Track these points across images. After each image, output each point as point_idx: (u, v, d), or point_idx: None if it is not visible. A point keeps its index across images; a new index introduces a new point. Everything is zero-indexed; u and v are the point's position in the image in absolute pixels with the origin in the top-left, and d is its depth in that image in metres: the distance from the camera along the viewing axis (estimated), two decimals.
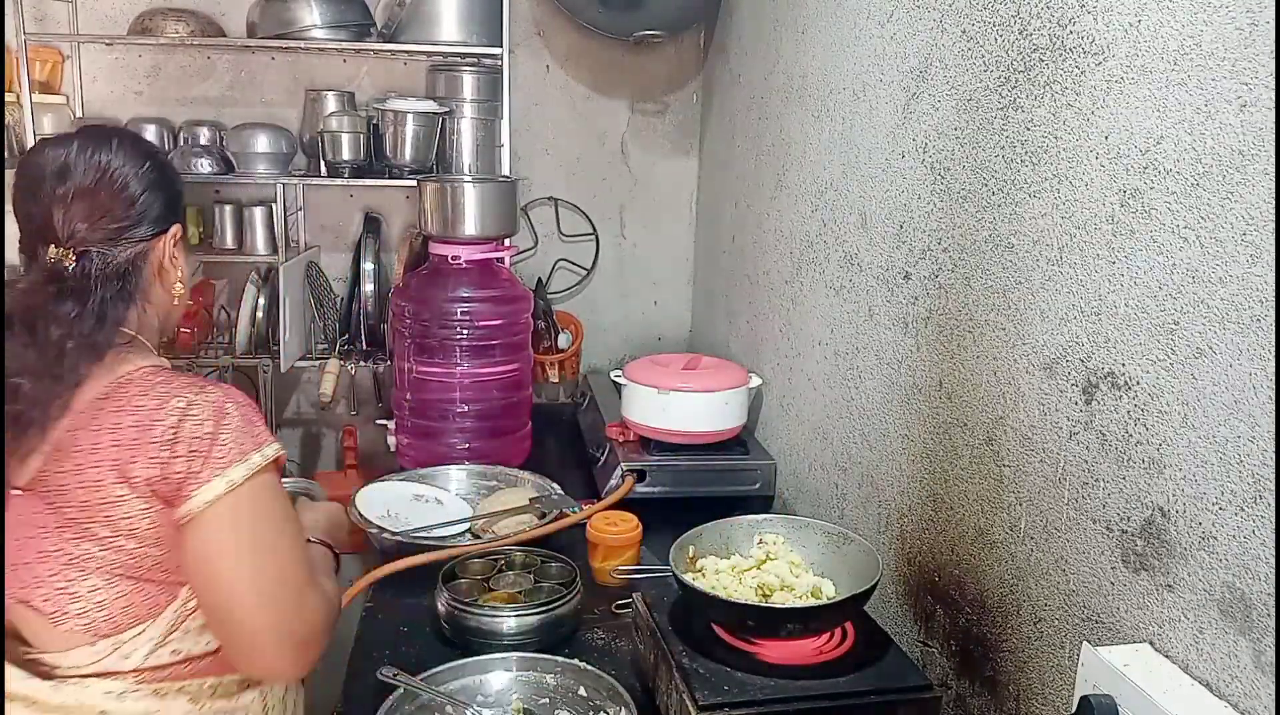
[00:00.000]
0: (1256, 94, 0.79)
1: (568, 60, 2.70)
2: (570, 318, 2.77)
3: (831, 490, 1.72)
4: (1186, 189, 0.87)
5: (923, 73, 1.36)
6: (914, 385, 1.39)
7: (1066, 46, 1.04)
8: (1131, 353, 0.94)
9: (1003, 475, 1.17)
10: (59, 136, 1.17)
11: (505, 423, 2.16)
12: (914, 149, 1.39)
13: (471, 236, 2.11)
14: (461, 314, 2.09)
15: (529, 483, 1.96)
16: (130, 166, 1.15)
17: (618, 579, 1.56)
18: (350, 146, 2.41)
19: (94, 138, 1.14)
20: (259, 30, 2.38)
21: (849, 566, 1.33)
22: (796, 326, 1.89)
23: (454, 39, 2.42)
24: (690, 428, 1.93)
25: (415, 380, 2.13)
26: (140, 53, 2.57)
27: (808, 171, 1.83)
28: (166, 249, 1.18)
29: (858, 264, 1.59)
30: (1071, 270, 1.03)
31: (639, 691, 1.29)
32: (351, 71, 2.64)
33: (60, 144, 1.13)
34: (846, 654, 1.22)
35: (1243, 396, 0.81)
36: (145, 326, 1.17)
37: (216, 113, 2.60)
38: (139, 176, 1.15)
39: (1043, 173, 1.08)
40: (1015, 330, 1.14)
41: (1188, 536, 0.87)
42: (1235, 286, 0.81)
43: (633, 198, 2.80)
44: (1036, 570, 1.10)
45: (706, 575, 1.33)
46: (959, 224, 1.26)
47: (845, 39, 1.65)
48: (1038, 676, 1.10)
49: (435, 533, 1.75)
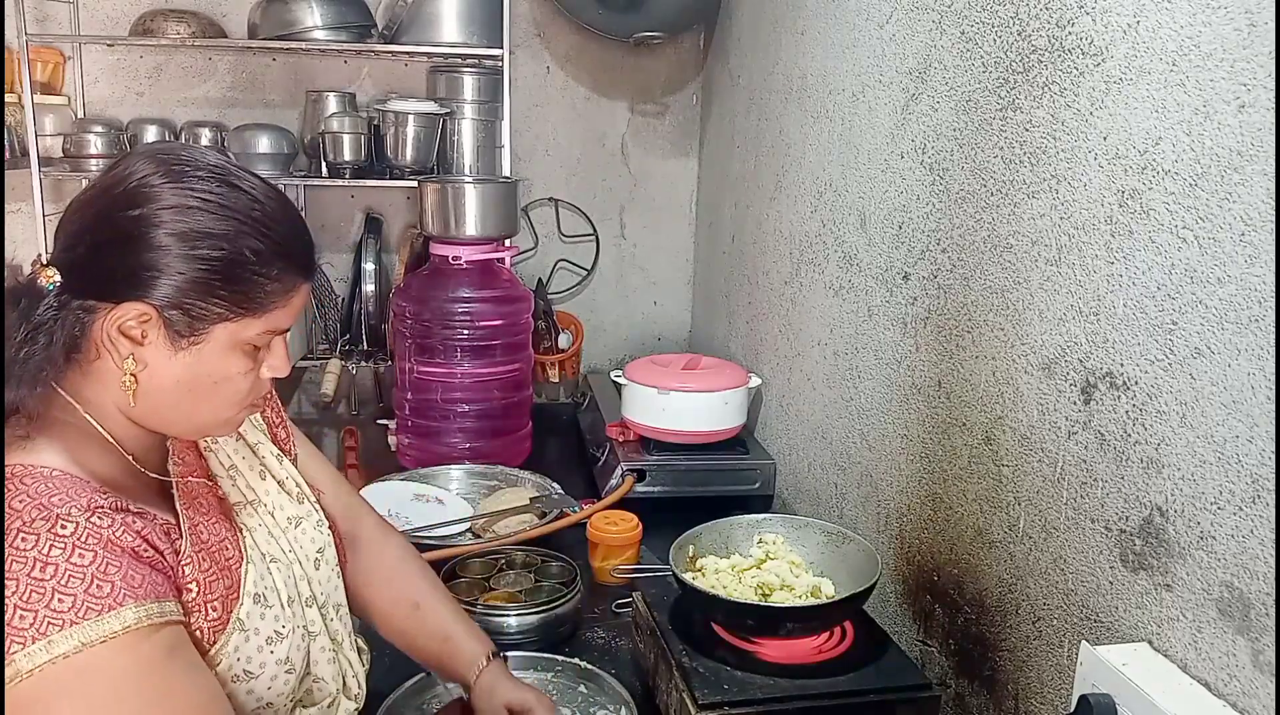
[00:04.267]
0: (1255, 95, 0.79)
1: (568, 61, 2.70)
2: (570, 318, 2.77)
3: (831, 490, 1.72)
4: (1185, 189, 0.87)
5: (922, 74, 1.36)
6: (913, 385, 1.39)
7: (1065, 47, 1.04)
8: (1130, 353, 0.94)
9: (1001, 475, 1.17)
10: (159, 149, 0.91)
11: (506, 423, 2.17)
12: (913, 150, 1.39)
13: (472, 237, 2.11)
14: (462, 314, 2.09)
15: (529, 483, 1.96)
16: (98, 200, 0.87)
17: (618, 578, 1.57)
18: (351, 147, 2.41)
19: (148, 161, 0.88)
20: (260, 31, 2.38)
21: (848, 566, 1.34)
22: (796, 327, 1.90)
23: (454, 40, 2.42)
24: (690, 428, 1.94)
25: (416, 380, 2.13)
26: (141, 53, 2.57)
27: (807, 172, 1.83)
28: (103, 332, 0.86)
29: (857, 264, 1.59)
30: (1070, 270, 1.03)
31: (639, 691, 1.29)
32: (352, 72, 2.65)
33: (130, 159, 0.89)
34: (846, 653, 1.22)
35: (1241, 396, 0.81)
36: (96, 405, 0.89)
37: (218, 114, 2.60)
38: (97, 218, 0.87)
39: (1041, 173, 1.08)
40: (1014, 330, 1.14)
41: (1186, 536, 0.88)
42: (1234, 287, 0.81)
43: (633, 198, 2.81)
44: (1035, 569, 1.10)
45: (706, 575, 1.33)
46: (958, 224, 1.27)
47: (844, 40, 1.65)
48: (1036, 676, 1.10)
49: (436, 532, 1.75)
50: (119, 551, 0.81)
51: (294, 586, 1.01)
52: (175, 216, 0.85)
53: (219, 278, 0.87)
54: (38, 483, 0.82)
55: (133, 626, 0.79)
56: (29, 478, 0.82)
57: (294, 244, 0.92)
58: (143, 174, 0.86)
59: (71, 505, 0.81)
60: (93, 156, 2.38)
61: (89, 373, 0.89)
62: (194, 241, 0.85)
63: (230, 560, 0.95)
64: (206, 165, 0.88)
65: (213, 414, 0.94)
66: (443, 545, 1.69)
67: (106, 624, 0.77)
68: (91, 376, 0.89)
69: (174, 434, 0.97)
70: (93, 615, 0.77)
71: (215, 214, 0.86)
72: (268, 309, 0.91)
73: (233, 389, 0.93)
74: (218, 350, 0.89)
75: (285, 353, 0.97)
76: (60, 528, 0.79)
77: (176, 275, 0.85)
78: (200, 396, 0.91)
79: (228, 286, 0.87)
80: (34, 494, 0.81)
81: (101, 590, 0.78)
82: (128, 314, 0.85)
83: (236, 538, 0.98)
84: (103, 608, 0.78)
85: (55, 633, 0.76)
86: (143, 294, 0.85)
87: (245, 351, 0.92)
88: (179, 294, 0.86)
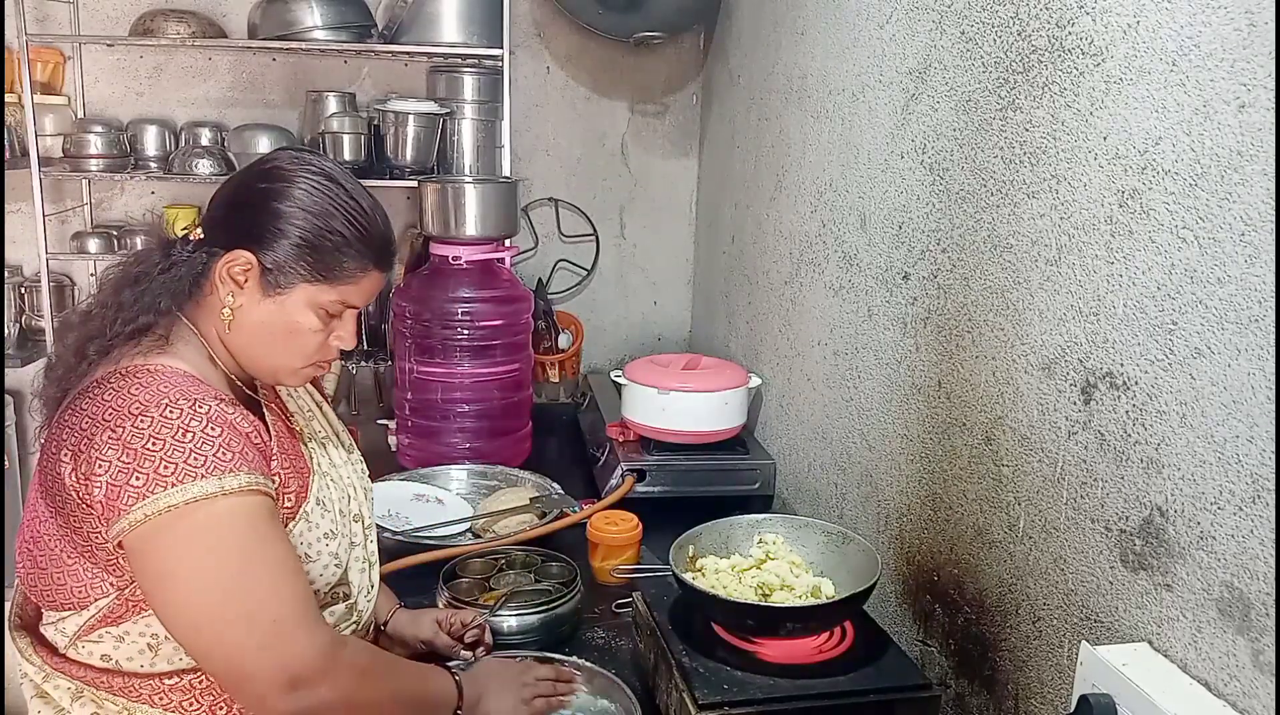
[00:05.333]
0: (1255, 95, 0.79)
1: (568, 61, 2.70)
2: (570, 318, 2.77)
3: (831, 490, 1.72)
4: (1185, 189, 0.87)
5: (922, 74, 1.36)
6: (913, 385, 1.39)
7: (1065, 48, 1.04)
8: (1130, 353, 0.94)
9: (1001, 475, 1.17)
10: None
11: (506, 423, 2.17)
12: (913, 150, 1.39)
13: (472, 237, 2.11)
14: (462, 314, 2.09)
15: (529, 483, 1.96)
16: (243, 176, 1.15)
17: (618, 578, 1.57)
18: (351, 147, 2.41)
19: (289, 157, 1.14)
20: (260, 31, 2.38)
21: (848, 566, 1.34)
22: (796, 327, 1.90)
23: (455, 40, 2.42)
24: (690, 428, 1.94)
25: (416, 380, 2.13)
26: (142, 53, 2.57)
27: (807, 172, 1.83)
28: (218, 271, 1.10)
29: (857, 264, 1.59)
30: (1070, 270, 1.03)
31: (639, 690, 1.29)
32: (352, 72, 2.65)
33: (274, 152, 1.17)
34: (846, 653, 1.22)
35: (1241, 396, 0.81)
36: (209, 337, 1.13)
37: (218, 113, 2.60)
38: (237, 187, 1.14)
39: (1041, 173, 1.08)
40: (1014, 330, 1.14)
41: (1186, 536, 0.88)
42: (1233, 287, 0.82)
43: (633, 198, 2.81)
44: (1035, 569, 1.10)
45: (706, 575, 1.33)
46: (958, 224, 1.27)
47: (844, 40, 1.65)
48: (1036, 675, 1.10)
49: (436, 532, 1.75)
50: (238, 433, 1.03)
51: (346, 503, 1.24)
52: (291, 194, 1.10)
53: (309, 247, 1.10)
54: (174, 377, 1.05)
55: (248, 487, 1.01)
56: (167, 373, 1.05)
57: (372, 235, 1.14)
58: (276, 162, 1.13)
59: (206, 394, 1.04)
60: (92, 156, 2.38)
61: (203, 305, 1.13)
62: (299, 214, 1.10)
63: (301, 469, 1.18)
64: (323, 166, 1.14)
65: (285, 360, 1.15)
66: (443, 545, 1.69)
67: (231, 480, 0.99)
68: (205, 308, 1.13)
69: (252, 371, 1.17)
70: (218, 472, 0.99)
71: (321, 198, 1.11)
72: (342, 281, 1.13)
73: (302, 342, 1.14)
74: (297, 306, 1.12)
75: (354, 329, 1.18)
76: (199, 407, 1.01)
77: (280, 237, 1.09)
78: (276, 341, 1.13)
79: (314, 254, 1.10)
80: (173, 383, 1.04)
81: (225, 457, 1.00)
82: (237, 260, 1.09)
83: (304, 455, 1.20)
84: (227, 468, 1.00)
85: (190, 481, 0.97)
86: (253, 246, 1.09)
87: (319, 314, 1.13)
88: (277, 252, 1.09)
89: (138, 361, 1.06)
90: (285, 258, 1.10)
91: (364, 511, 1.28)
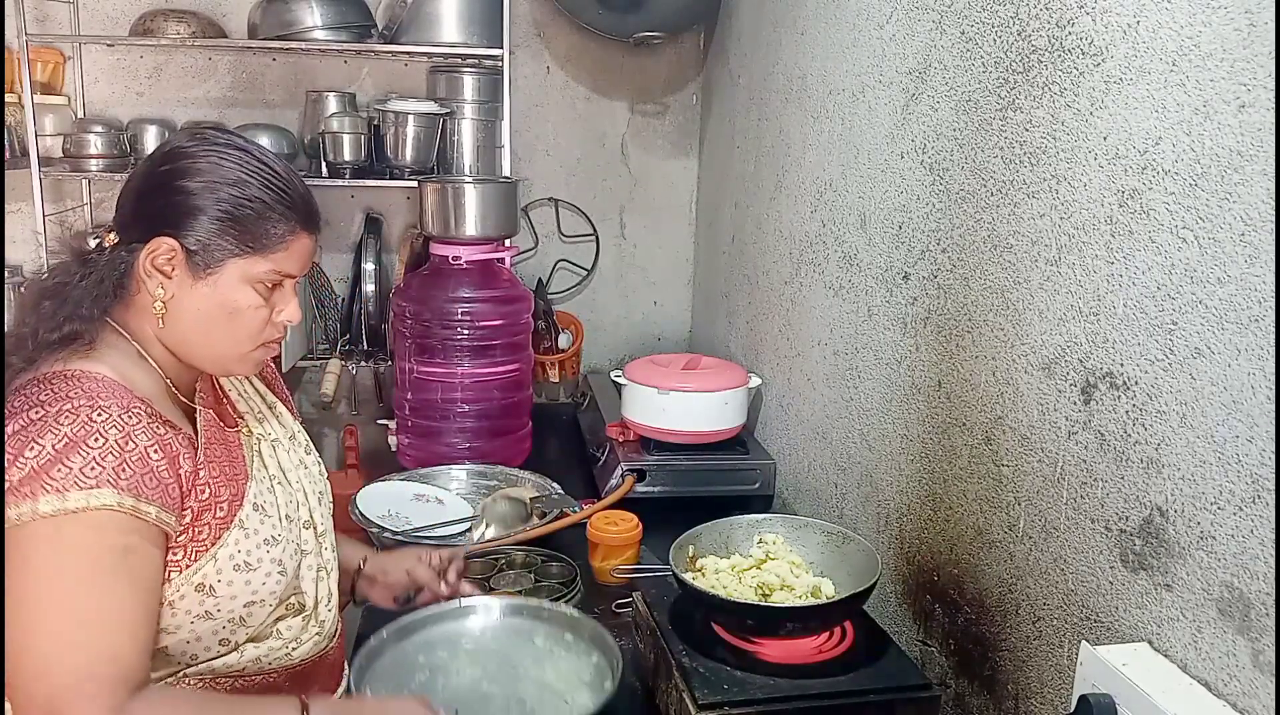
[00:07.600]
0: (1255, 95, 0.79)
1: (568, 61, 2.70)
2: (570, 318, 2.77)
3: (831, 490, 1.72)
4: (1185, 189, 0.87)
5: (922, 74, 1.36)
6: (913, 385, 1.39)
7: (1065, 48, 1.04)
8: (1130, 353, 0.94)
9: (1001, 475, 1.17)
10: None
11: (506, 423, 2.17)
12: (913, 150, 1.39)
13: (472, 237, 2.12)
14: (462, 314, 2.09)
15: (529, 483, 1.96)
16: (145, 165, 1.10)
17: (618, 578, 1.57)
18: (351, 147, 2.41)
19: (186, 136, 1.14)
20: (260, 31, 2.38)
21: (848, 566, 1.34)
22: (796, 326, 1.90)
23: (454, 40, 2.42)
24: (690, 428, 1.94)
25: (416, 380, 2.13)
26: (142, 53, 2.57)
27: (807, 172, 1.83)
28: (142, 265, 1.05)
29: (857, 264, 1.59)
30: (1070, 270, 1.03)
31: (639, 690, 1.29)
32: (352, 72, 2.65)
33: (173, 136, 1.12)
34: (846, 653, 1.22)
35: (1241, 396, 0.81)
36: (144, 338, 1.09)
37: (218, 113, 2.60)
38: (142, 176, 1.09)
39: (1041, 173, 1.08)
40: (1014, 330, 1.14)
41: (1186, 536, 0.88)
42: (1233, 286, 0.82)
43: (633, 198, 2.81)
44: (1035, 570, 1.10)
45: (706, 575, 1.33)
46: (958, 224, 1.27)
47: (844, 40, 1.65)
48: (1036, 675, 1.10)
49: (436, 532, 1.75)
50: (128, 447, 0.98)
51: (294, 508, 1.19)
52: (198, 170, 1.06)
53: (230, 219, 1.06)
54: (89, 382, 1.01)
55: (107, 507, 0.94)
56: (84, 378, 1.02)
57: (294, 197, 1.10)
58: (177, 143, 1.09)
59: (113, 402, 0.99)
60: (92, 156, 2.38)
61: (132, 306, 1.08)
62: (211, 188, 1.05)
63: (238, 475, 1.13)
64: (228, 136, 1.11)
65: (229, 346, 1.11)
66: (443, 545, 1.69)
67: (82, 499, 0.94)
68: (134, 308, 1.08)
69: (197, 364, 1.12)
70: (76, 489, 0.93)
71: (230, 169, 1.07)
72: (273, 249, 1.08)
73: (245, 323, 1.09)
74: (231, 283, 1.07)
75: (296, 301, 1.14)
76: (95, 414, 0.97)
77: (198, 215, 1.05)
78: (217, 326, 1.09)
79: (238, 226, 1.06)
80: (85, 389, 1.00)
81: (92, 472, 0.95)
82: (159, 248, 1.04)
83: (243, 461, 1.16)
84: (87, 485, 0.94)
85: (44, 495, 0.93)
86: (171, 231, 1.05)
87: (257, 289, 1.09)
88: (198, 231, 1.05)
89: (57, 367, 1.03)
90: (208, 235, 1.05)
91: (316, 518, 1.23)
